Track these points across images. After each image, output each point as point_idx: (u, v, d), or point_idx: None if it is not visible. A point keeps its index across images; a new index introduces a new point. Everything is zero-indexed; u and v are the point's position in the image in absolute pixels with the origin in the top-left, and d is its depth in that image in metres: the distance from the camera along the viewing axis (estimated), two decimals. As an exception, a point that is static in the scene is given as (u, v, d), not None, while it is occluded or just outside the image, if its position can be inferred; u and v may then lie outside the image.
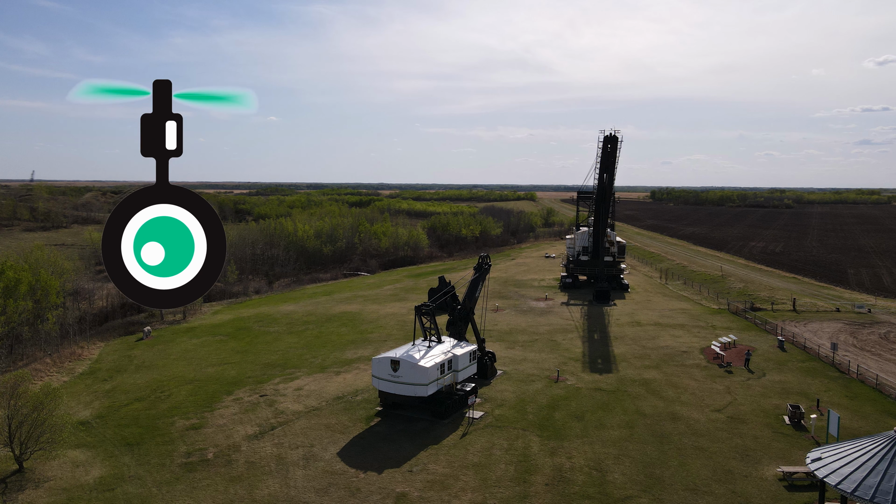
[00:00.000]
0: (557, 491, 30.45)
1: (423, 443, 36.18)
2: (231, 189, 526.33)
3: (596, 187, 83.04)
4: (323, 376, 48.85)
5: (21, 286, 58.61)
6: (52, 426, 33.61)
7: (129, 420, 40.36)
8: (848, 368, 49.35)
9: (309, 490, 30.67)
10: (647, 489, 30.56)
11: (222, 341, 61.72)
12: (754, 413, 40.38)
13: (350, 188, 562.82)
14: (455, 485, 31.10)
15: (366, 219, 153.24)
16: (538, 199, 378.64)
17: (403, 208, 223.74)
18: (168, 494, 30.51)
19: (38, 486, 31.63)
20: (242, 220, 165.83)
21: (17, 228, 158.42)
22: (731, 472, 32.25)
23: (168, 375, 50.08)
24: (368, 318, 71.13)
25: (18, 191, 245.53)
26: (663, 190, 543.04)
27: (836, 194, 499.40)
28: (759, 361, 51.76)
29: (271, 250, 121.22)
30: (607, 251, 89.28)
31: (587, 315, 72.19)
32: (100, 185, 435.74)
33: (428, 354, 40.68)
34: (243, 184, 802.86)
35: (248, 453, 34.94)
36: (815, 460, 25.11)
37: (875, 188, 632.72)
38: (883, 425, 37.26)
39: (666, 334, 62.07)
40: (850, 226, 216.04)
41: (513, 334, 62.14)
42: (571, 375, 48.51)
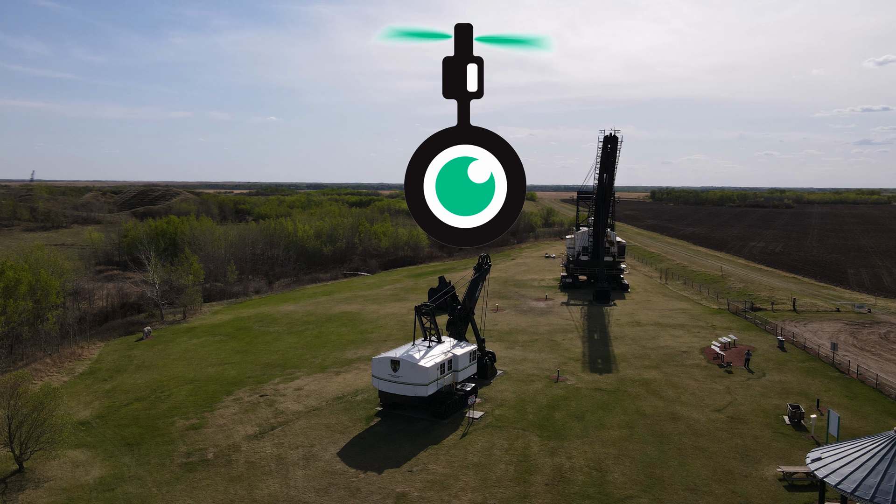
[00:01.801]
0: (557, 491, 30.45)
1: (423, 443, 36.18)
2: (231, 189, 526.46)
3: (596, 187, 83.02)
4: (323, 376, 48.85)
5: (21, 286, 58.62)
6: (52, 426, 33.61)
7: (129, 420, 40.36)
8: (848, 368, 49.34)
9: (309, 490, 30.67)
10: (647, 489, 30.56)
11: (222, 341, 61.72)
12: (754, 413, 40.37)
13: (350, 188, 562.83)
14: (455, 485, 31.10)
15: (366, 219, 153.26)
16: (538, 199, 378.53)
17: (403, 208, 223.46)
18: (168, 494, 30.51)
19: (38, 486, 31.62)
20: (242, 220, 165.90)
21: (17, 228, 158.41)
22: (731, 472, 32.25)
23: (168, 375, 50.08)
24: (368, 318, 71.13)
25: (18, 191, 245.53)
26: (663, 190, 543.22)
27: (836, 194, 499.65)
28: (759, 361, 51.75)
29: (271, 250, 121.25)
30: (607, 251, 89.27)
31: (587, 315, 72.18)
32: (100, 185, 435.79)
33: (428, 354, 40.67)
34: (243, 184, 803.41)
35: (248, 453, 34.93)
36: (815, 460, 25.10)
37: (875, 188, 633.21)
38: (883, 425, 37.27)
39: (666, 334, 62.07)
40: (850, 226, 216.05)
41: (513, 334, 62.13)
42: (571, 375, 48.50)
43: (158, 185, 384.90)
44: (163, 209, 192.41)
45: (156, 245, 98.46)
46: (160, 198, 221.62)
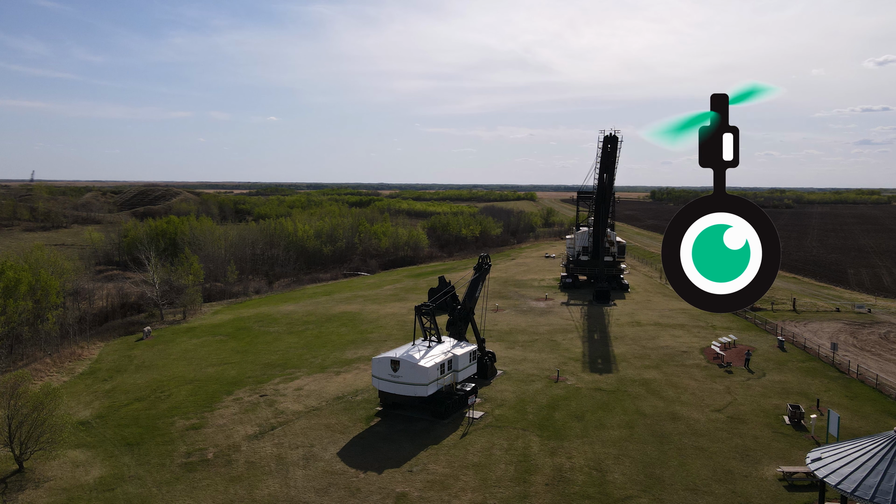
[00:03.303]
0: (557, 491, 30.45)
1: (423, 443, 36.18)
2: (231, 189, 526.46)
3: (596, 187, 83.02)
4: (323, 376, 48.85)
5: (21, 286, 58.62)
6: (52, 426, 33.62)
7: (129, 420, 40.36)
8: (848, 368, 49.34)
9: (309, 490, 30.67)
10: (647, 489, 30.56)
11: (222, 341, 61.71)
12: (754, 413, 40.37)
13: (350, 188, 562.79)
14: (455, 485, 31.10)
15: (366, 219, 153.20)
16: (538, 199, 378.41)
17: (403, 208, 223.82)
18: (168, 494, 30.51)
19: (38, 486, 31.63)
20: (242, 220, 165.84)
21: (17, 228, 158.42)
22: (731, 472, 32.25)
23: (168, 375, 50.08)
24: (368, 318, 71.12)
25: (18, 191, 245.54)
26: (663, 190, 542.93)
27: (836, 194, 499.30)
28: (759, 361, 51.75)
29: (271, 250, 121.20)
30: (607, 251, 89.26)
31: (587, 315, 72.18)
32: (100, 185, 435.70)
33: (428, 354, 40.68)
34: (243, 184, 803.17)
35: (248, 453, 34.93)
36: (815, 460, 25.09)
37: (875, 188, 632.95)
38: (883, 425, 37.27)
39: (666, 334, 62.07)
40: (850, 226, 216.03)
41: (513, 334, 62.13)
42: (571, 375, 48.50)
43: (158, 185, 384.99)
44: (163, 209, 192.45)
45: (156, 245, 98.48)
46: (160, 198, 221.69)
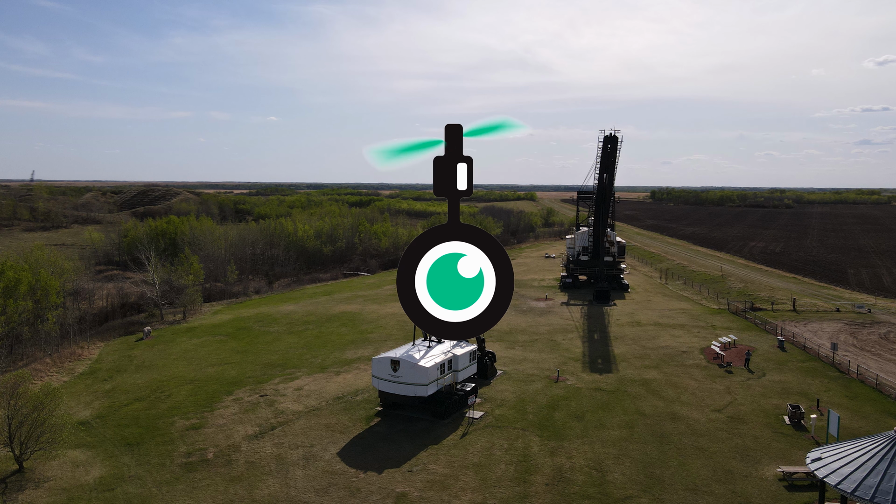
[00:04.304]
0: (557, 491, 30.45)
1: (423, 443, 36.18)
2: (231, 189, 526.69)
3: (596, 187, 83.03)
4: (323, 376, 48.86)
5: (21, 286, 58.63)
6: (52, 426, 33.60)
7: (129, 420, 40.36)
8: (848, 368, 49.35)
9: (309, 490, 30.67)
10: (647, 489, 30.56)
11: (222, 341, 61.72)
12: (754, 413, 40.37)
13: (350, 188, 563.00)
14: (455, 485, 31.10)
15: (366, 219, 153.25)
16: (538, 199, 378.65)
17: (403, 208, 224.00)
18: (168, 494, 30.51)
19: (38, 486, 31.62)
20: (242, 220, 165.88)
21: (17, 228, 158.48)
22: (731, 472, 32.25)
23: (168, 375, 50.08)
24: (368, 318, 71.13)
25: (18, 191, 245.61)
26: (663, 190, 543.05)
27: (836, 194, 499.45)
28: (759, 361, 51.76)
29: (271, 250, 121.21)
30: (607, 251, 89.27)
31: (587, 315, 72.19)
32: (100, 185, 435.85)
33: (428, 354, 40.69)
34: (243, 184, 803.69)
35: (248, 453, 34.93)
36: (815, 460, 25.10)
37: (875, 188, 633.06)
38: (883, 425, 37.27)
39: (666, 334, 62.07)
40: (850, 226, 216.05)
41: (513, 334, 62.14)
42: (571, 375, 48.50)
43: (158, 185, 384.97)
44: (163, 209, 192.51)
45: (156, 245, 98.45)
46: (160, 198, 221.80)
